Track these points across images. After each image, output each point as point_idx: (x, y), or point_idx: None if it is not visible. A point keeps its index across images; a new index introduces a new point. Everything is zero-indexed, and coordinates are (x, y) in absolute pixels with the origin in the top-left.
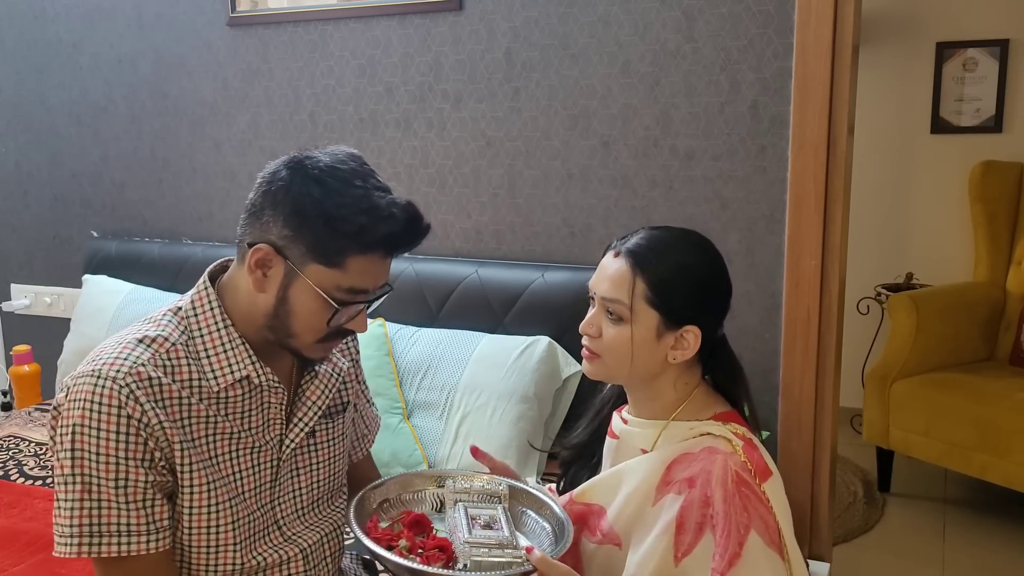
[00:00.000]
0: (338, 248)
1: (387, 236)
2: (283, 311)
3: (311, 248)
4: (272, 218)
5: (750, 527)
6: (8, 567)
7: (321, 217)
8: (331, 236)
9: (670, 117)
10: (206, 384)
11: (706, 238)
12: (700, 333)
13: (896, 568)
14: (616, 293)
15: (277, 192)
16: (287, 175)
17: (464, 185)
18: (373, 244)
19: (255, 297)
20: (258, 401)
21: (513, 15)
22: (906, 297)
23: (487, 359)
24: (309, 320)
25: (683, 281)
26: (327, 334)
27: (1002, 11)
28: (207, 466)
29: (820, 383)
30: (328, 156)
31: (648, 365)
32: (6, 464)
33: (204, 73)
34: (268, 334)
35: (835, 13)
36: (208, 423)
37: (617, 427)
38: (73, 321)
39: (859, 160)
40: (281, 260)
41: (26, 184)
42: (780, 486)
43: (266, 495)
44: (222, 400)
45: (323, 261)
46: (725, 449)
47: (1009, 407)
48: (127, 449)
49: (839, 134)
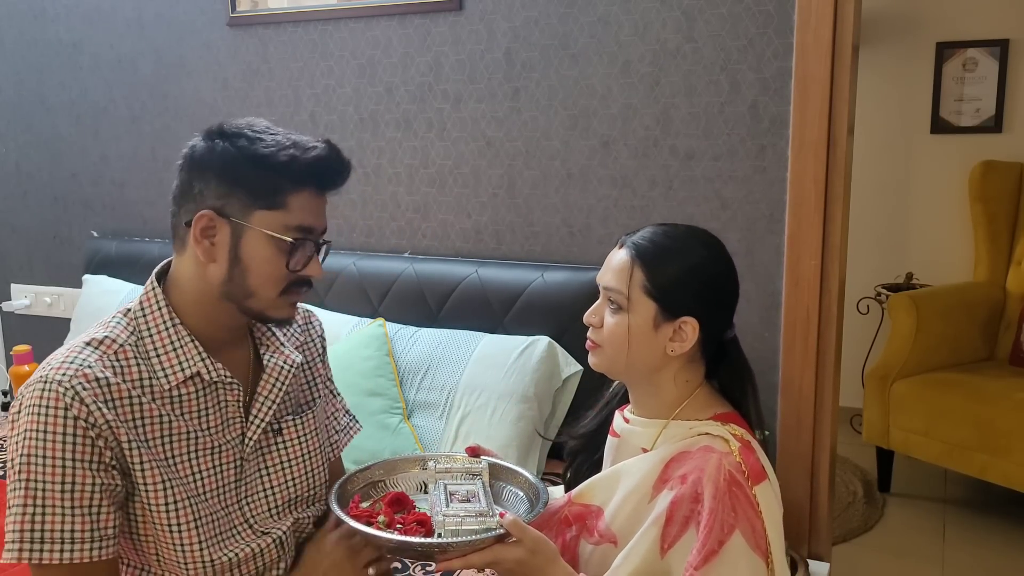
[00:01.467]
0: (275, 187)
1: (315, 162)
2: (238, 272)
3: (250, 196)
4: (203, 185)
5: (735, 527)
6: (8, 567)
7: (251, 161)
8: (266, 177)
9: (670, 117)
10: (157, 383)
11: (714, 237)
12: (698, 326)
13: (896, 568)
14: (616, 283)
15: (200, 160)
16: (204, 143)
17: (464, 185)
18: (305, 175)
19: (206, 271)
20: (214, 400)
21: (513, 15)
22: (906, 297)
23: (487, 359)
24: (266, 270)
25: (680, 272)
26: (287, 284)
27: (1002, 11)
28: (163, 466)
29: (820, 383)
30: (241, 121)
31: (646, 356)
32: (6, 464)
33: (204, 73)
34: (224, 310)
35: (835, 13)
36: (162, 423)
37: (619, 426)
38: (73, 321)
39: (859, 160)
40: (224, 221)
41: (26, 184)
42: (773, 491)
43: (231, 495)
44: (175, 399)
45: (265, 204)
46: (721, 449)
47: (1009, 407)
48: (74, 452)
49: (839, 134)
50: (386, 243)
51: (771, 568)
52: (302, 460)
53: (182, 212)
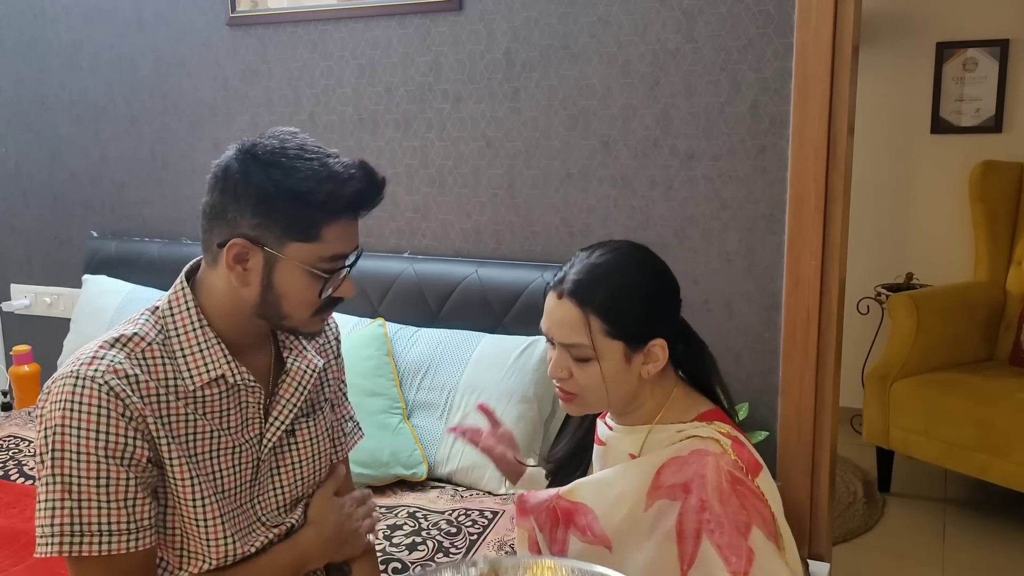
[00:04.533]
0: (312, 221)
1: (353, 197)
2: (271, 297)
3: (286, 228)
4: (238, 213)
5: (751, 524)
6: (8, 567)
7: (288, 196)
8: (303, 211)
9: (670, 117)
10: (182, 383)
11: (637, 246)
12: (666, 343)
13: (896, 568)
14: (575, 338)
15: (236, 186)
16: (239, 168)
17: (464, 185)
18: (341, 208)
19: (238, 293)
20: (235, 400)
21: (513, 15)
22: (906, 297)
23: (487, 359)
24: (300, 297)
25: (632, 303)
26: (320, 307)
27: (1002, 11)
28: (190, 463)
29: (820, 383)
30: (272, 140)
31: (625, 389)
32: (6, 464)
33: (204, 73)
34: (253, 322)
35: (835, 13)
36: (187, 422)
37: (603, 434)
38: (73, 321)
39: (859, 160)
40: (258, 250)
41: (26, 184)
42: (769, 478)
43: (246, 493)
44: (198, 399)
45: (300, 238)
46: (714, 450)
47: (1009, 407)
48: (107, 447)
49: (839, 134)
50: (386, 243)
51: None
52: (311, 460)
53: (214, 232)
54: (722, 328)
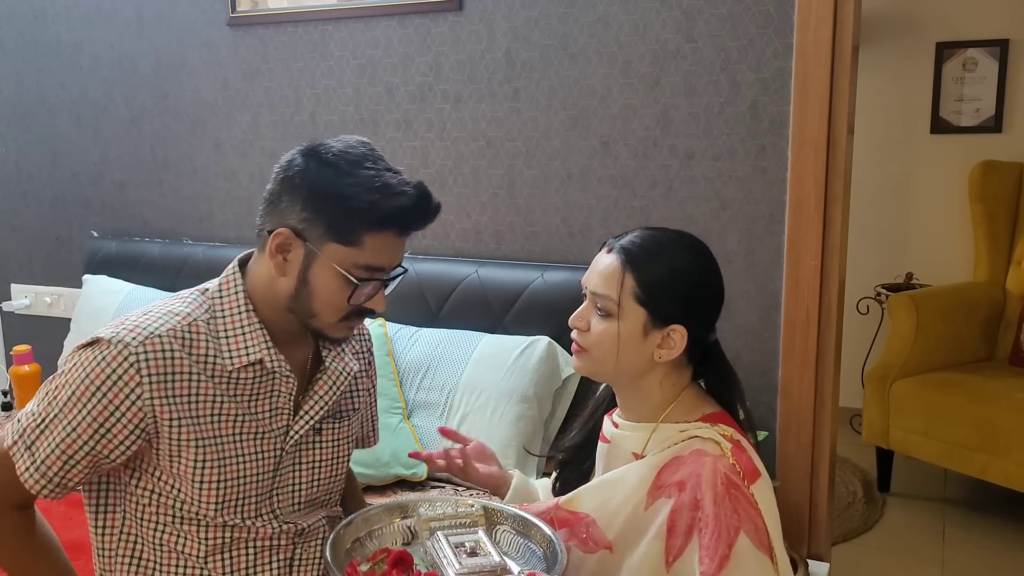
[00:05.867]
0: (353, 226)
1: (397, 212)
2: (304, 292)
3: (328, 228)
4: (290, 203)
5: (740, 529)
6: None
7: (335, 197)
8: (346, 215)
9: (670, 117)
10: (220, 363)
11: (701, 241)
12: (686, 334)
13: (896, 568)
14: (605, 288)
15: (294, 178)
16: (302, 161)
17: (464, 185)
18: (385, 221)
19: (276, 281)
20: (268, 387)
21: (513, 15)
22: (906, 297)
23: (487, 359)
24: (329, 299)
25: (672, 281)
26: (348, 313)
27: (1002, 11)
28: (207, 445)
29: (820, 383)
30: (340, 143)
31: (634, 362)
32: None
33: (204, 73)
34: (291, 316)
35: (835, 13)
36: (214, 402)
37: (608, 431)
38: (73, 321)
39: (859, 160)
40: (300, 243)
41: (26, 184)
42: (768, 488)
43: (266, 484)
44: (232, 380)
45: (340, 240)
46: (713, 452)
47: (1009, 407)
48: (93, 410)
49: (839, 134)
50: None
51: (775, 563)
52: (332, 463)
53: (267, 218)
54: (721, 328)
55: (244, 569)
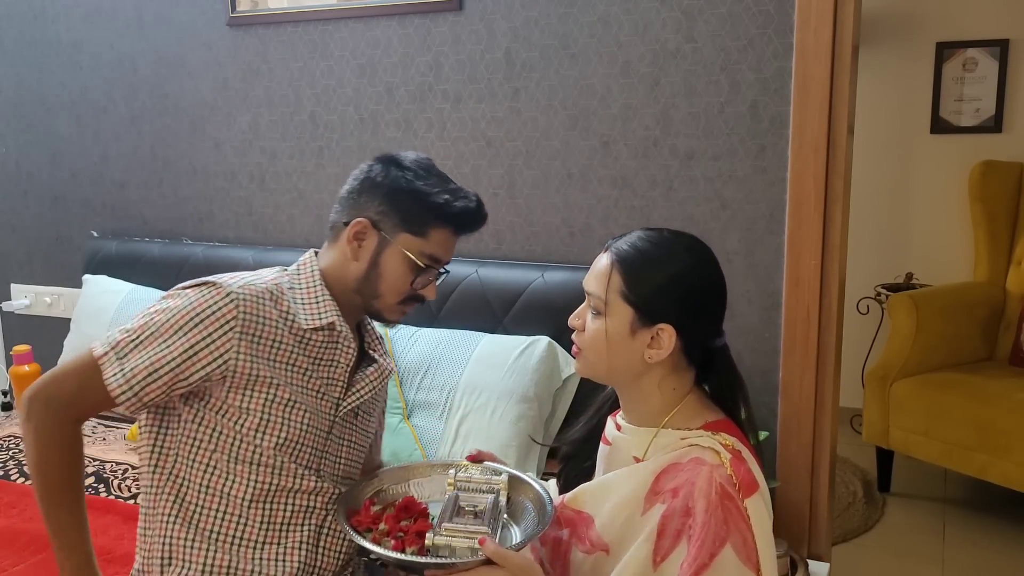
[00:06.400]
0: (424, 219)
1: (462, 212)
2: (373, 275)
3: (402, 220)
4: (368, 199)
5: (726, 540)
6: (8, 567)
7: (411, 194)
8: (419, 209)
9: (670, 117)
10: (296, 323)
11: (701, 242)
12: (675, 334)
13: (896, 568)
14: (595, 287)
15: (374, 178)
16: (381, 167)
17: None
18: (450, 218)
19: (348, 265)
20: (330, 355)
21: (513, 15)
22: (906, 297)
23: (487, 359)
24: (395, 282)
25: (659, 279)
26: (407, 296)
27: (1002, 11)
28: (279, 385)
29: (820, 383)
30: (412, 154)
31: (626, 363)
32: (6, 464)
33: (204, 73)
34: (356, 297)
35: (835, 13)
36: (291, 352)
37: (610, 434)
38: (73, 321)
39: (859, 160)
40: (375, 232)
41: (26, 184)
42: (763, 501)
43: (320, 441)
44: (306, 340)
45: (411, 230)
46: (712, 461)
47: (1009, 407)
48: (190, 337)
49: (839, 134)
50: None
51: None
52: (359, 448)
53: (343, 213)
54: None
55: (279, 524)
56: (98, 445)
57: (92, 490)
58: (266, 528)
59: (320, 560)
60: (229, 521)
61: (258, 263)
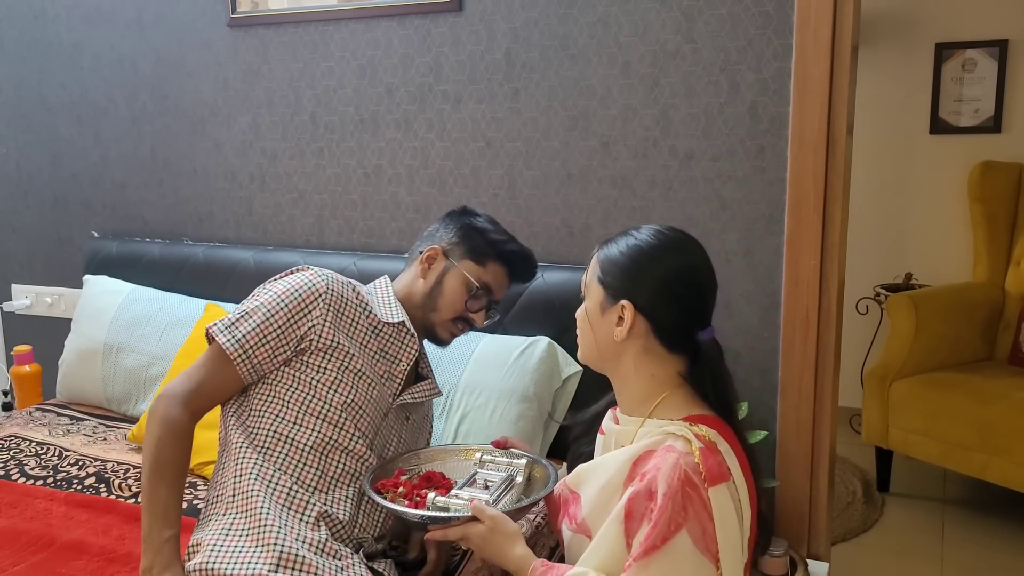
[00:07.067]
0: (486, 253)
1: (516, 253)
2: (436, 291)
3: (468, 250)
4: (444, 233)
5: (682, 526)
6: (8, 567)
7: (479, 232)
8: (483, 244)
9: (669, 118)
10: (374, 313)
11: (681, 233)
12: (633, 308)
13: (895, 568)
14: (584, 276)
15: (450, 221)
16: (459, 213)
17: (464, 186)
18: (505, 256)
19: (416, 283)
20: (396, 351)
21: (513, 16)
22: (905, 297)
23: (487, 359)
24: (453, 299)
25: (621, 258)
26: (458, 316)
27: (1001, 11)
28: (352, 355)
29: (819, 383)
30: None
31: (602, 342)
32: (7, 464)
33: (204, 74)
34: (418, 311)
35: (834, 14)
36: (365, 334)
37: (606, 425)
38: (74, 321)
39: (858, 160)
40: (444, 258)
41: (27, 185)
42: (730, 494)
43: (378, 418)
44: (378, 330)
45: (474, 259)
46: (682, 448)
47: (1008, 407)
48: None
49: (838, 134)
50: (387, 243)
51: (720, 572)
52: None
53: (422, 244)
54: (721, 328)
55: (331, 476)
56: (99, 445)
57: (93, 490)
58: (319, 476)
59: (361, 519)
60: (290, 462)
61: (258, 263)
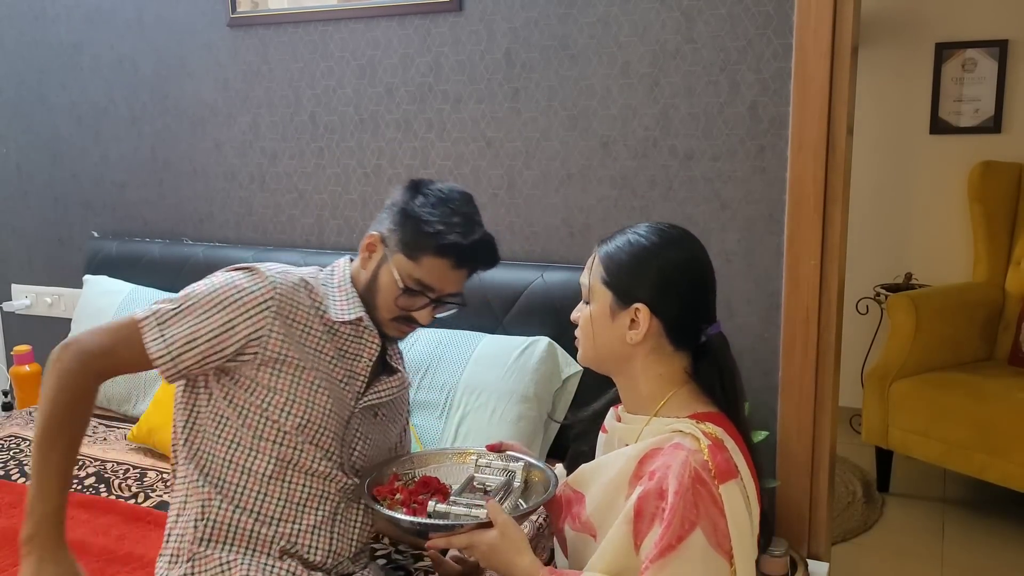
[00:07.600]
0: (417, 245)
1: (452, 246)
2: (373, 286)
3: (400, 241)
4: (386, 216)
5: (696, 524)
6: (8, 567)
7: (415, 220)
8: (416, 235)
9: (669, 118)
10: (328, 314)
11: (680, 230)
12: (650, 313)
13: (895, 568)
14: (584, 278)
15: (395, 198)
16: (404, 190)
17: (464, 186)
18: (441, 250)
19: (361, 273)
20: (355, 350)
21: (513, 16)
22: (905, 297)
23: (487, 359)
24: (384, 297)
25: (630, 260)
26: (397, 315)
27: (1001, 11)
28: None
29: (819, 383)
30: (444, 185)
31: (611, 346)
32: (7, 464)
33: (205, 74)
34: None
35: (834, 14)
36: (319, 339)
37: (609, 423)
38: (74, 321)
39: (859, 160)
40: (381, 247)
41: (27, 185)
42: (740, 491)
43: (340, 428)
44: (333, 331)
45: (406, 253)
46: (690, 446)
47: (1008, 407)
48: (227, 314)
49: (838, 134)
50: None
51: (733, 568)
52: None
53: (370, 227)
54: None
55: (296, 502)
56: (98, 445)
57: (92, 490)
58: (283, 505)
59: (334, 544)
60: (249, 494)
61: None
